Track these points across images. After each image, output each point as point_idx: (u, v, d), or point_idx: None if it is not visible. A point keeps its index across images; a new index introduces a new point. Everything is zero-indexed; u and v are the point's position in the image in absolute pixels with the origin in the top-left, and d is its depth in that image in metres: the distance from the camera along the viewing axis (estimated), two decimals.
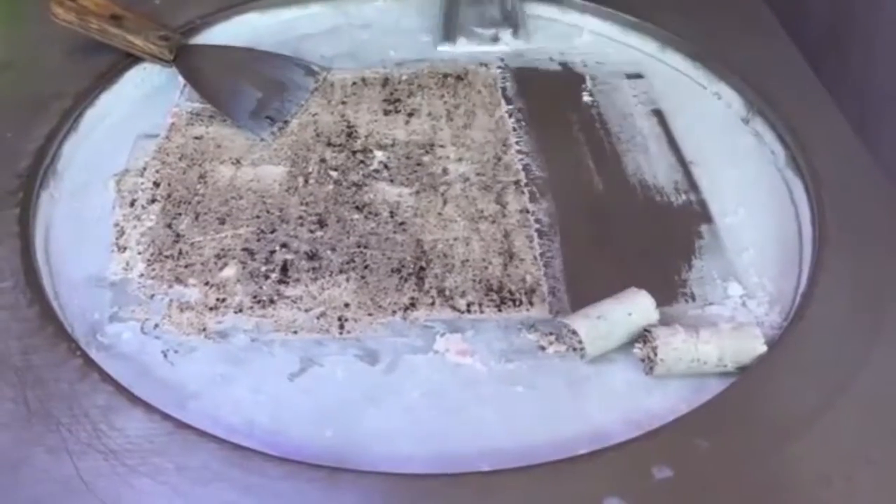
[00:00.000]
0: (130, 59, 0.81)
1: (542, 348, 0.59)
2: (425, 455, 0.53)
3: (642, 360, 0.57)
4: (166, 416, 0.52)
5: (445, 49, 0.84)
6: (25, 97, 0.76)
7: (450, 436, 0.54)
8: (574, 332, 0.57)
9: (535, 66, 0.84)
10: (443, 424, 0.55)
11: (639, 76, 0.83)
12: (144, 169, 0.73)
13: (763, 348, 0.56)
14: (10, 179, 0.68)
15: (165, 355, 0.58)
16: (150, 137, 0.76)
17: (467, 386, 0.57)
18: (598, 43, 0.87)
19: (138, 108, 0.79)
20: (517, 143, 0.76)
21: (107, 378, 0.54)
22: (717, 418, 0.53)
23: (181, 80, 0.81)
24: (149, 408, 0.52)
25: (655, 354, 0.55)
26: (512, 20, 0.85)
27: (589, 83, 0.82)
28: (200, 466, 0.49)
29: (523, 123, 0.77)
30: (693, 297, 0.62)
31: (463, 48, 0.85)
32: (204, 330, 0.60)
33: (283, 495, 0.48)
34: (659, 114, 0.79)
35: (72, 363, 0.55)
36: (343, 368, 0.58)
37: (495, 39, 0.84)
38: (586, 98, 0.80)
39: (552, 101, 0.80)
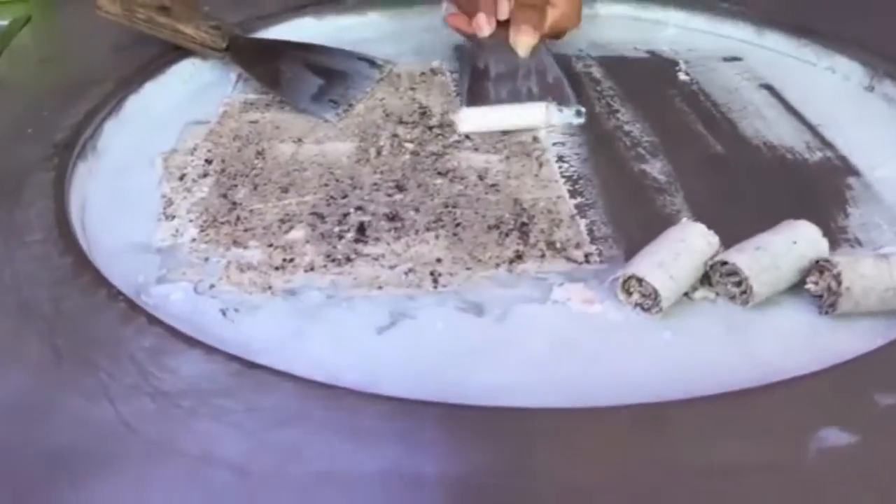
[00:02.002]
0: (178, 52, 0.74)
1: (686, 295, 0.47)
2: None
3: (819, 297, 0.46)
4: (231, 357, 0.41)
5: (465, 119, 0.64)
6: (66, 84, 0.68)
7: (591, 386, 0.43)
8: (732, 274, 0.46)
9: (619, 54, 0.77)
10: (580, 375, 0.43)
11: (737, 59, 0.75)
12: (194, 149, 0.64)
13: None
14: (45, 148, 0.59)
15: (224, 314, 0.48)
16: (200, 124, 0.67)
17: (601, 334, 0.46)
18: (685, 34, 0.80)
19: (186, 100, 0.71)
20: (615, 113, 0.67)
21: (155, 321, 0.43)
22: None
23: (233, 75, 0.74)
24: (208, 349, 0.41)
25: (839, 284, 0.44)
26: (556, 94, 0.64)
27: (683, 65, 0.74)
28: (276, 407, 0.38)
29: (617, 99, 0.69)
30: (860, 243, 0.52)
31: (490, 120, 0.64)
32: (270, 288, 0.50)
33: (387, 436, 0.37)
34: (769, 88, 0.70)
35: (113, 308, 0.45)
36: (443, 321, 0.47)
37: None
38: (683, 77, 0.72)
39: (645, 80, 0.72)
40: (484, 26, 0.66)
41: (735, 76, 0.72)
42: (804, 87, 0.70)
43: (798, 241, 0.46)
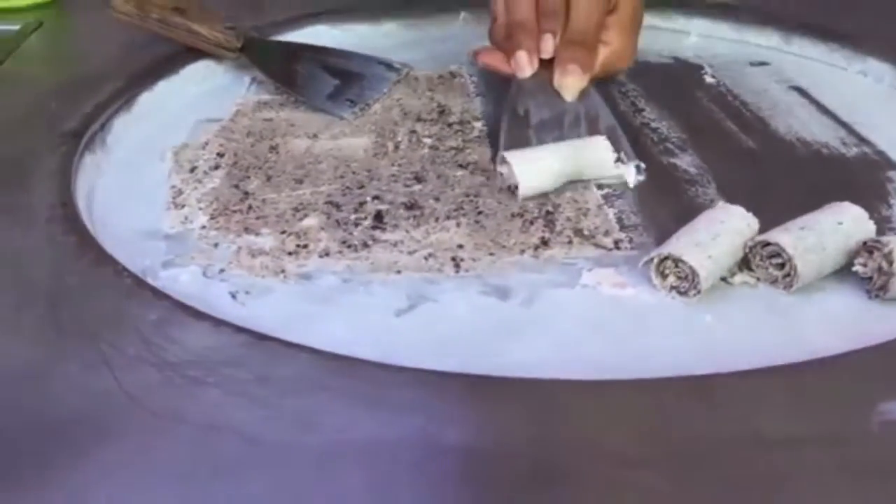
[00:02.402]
0: (191, 53, 0.72)
1: (724, 280, 0.45)
2: None
3: (868, 279, 0.43)
4: (240, 329, 0.38)
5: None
6: (76, 80, 0.67)
7: (625, 365, 0.40)
8: (774, 256, 0.43)
9: (643, 59, 0.74)
10: (613, 354, 0.41)
11: (765, 63, 0.73)
12: (206, 143, 0.62)
13: None
14: (51, 138, 0.57)
15: (234, 296, 0.45)
16: (212, 122, 0.65)
17: (635, 316, 0.43)
18: (709, 42, 0.78)
19: (199, 99, 0.69)
20: (640, 112, 0.65)
21: (162, 295, 0.41)
22: None
23: (247, 78, 0.72)
24: (217, 321, 0.39)
25: (890, 264, 0.42)
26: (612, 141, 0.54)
27: (708, 69, 0.72)
28: (291, 377, 0.35)
29: (642, 99, 0.67)
30: None
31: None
32: (283, 272, 0.47)
33: (407, 406, 0.34)
34: (799, 90, 0.68)
35: (117, 284, 0.42)
36: (466, 304, 0.44)
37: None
38: (709, 79, 0.70)
39: (671, 82, 0.70)
40: (525, 66, 0.56)
41: (764, 79, 0.70)
42: (836, 90, 0.68)
43: (844, 221, 0.44)
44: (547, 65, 0.57)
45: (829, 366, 0.35)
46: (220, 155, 0.60)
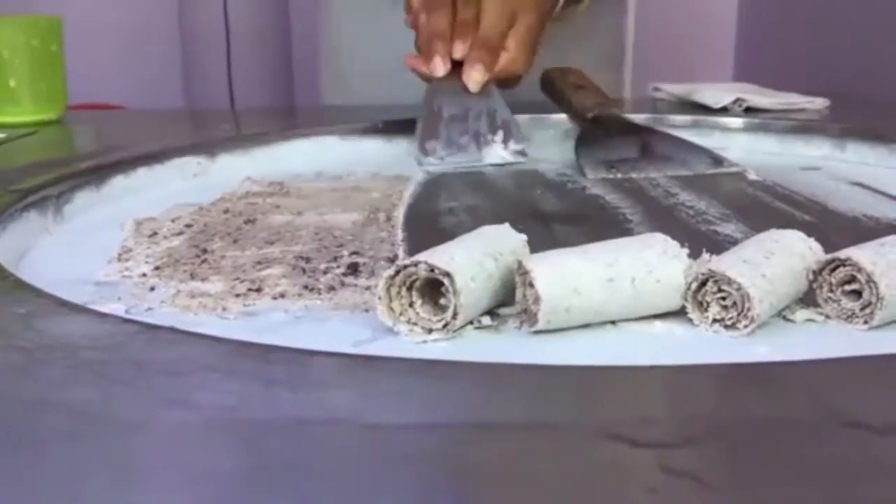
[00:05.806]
0: (189, 148, 0.67)
1: (783, 317, 0.34)
2: None
3: None
4: (129, 321, 0.29)
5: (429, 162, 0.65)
6: (51, 160, 0.61)
7: None
8: (847, 282, 0.33)
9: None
10: None
11: (815, 168, 0.65)
12: (176, 218, 0.54)
13: None
14: None
15: None
16: (190, 206, 0.58)
17: (666, 352, 0.32)
18: (752, 156, 0.70)
19: (181, 190, 0.63)
20: (674, 196, 0.56)
21: (48, 296, 0.31)
22: None
23: (241, 176, 0.66)
24: (103, 315, 0.29)
25: None
26: (505, 133, 0.67)
27: (752, 174, 0.63)
28: (174, 360, 0.25)
29: (677, 187, 0.58)
30: None
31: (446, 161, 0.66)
32: (223, 310, 0.38)
33: (338, 385, 0.23)
34: (861, 185, 0.59)
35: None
36: (453, 339, 0.34)
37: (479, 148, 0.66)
38: (753, 177, 0.62)
39: (709, 176, 0.62)
40: (439, 67, 0.66)
41: (817, 178, 0.62)
42: None
43: None
44: (459, 69, 0.67)
45: None
46: (188, 226, 0.52)
